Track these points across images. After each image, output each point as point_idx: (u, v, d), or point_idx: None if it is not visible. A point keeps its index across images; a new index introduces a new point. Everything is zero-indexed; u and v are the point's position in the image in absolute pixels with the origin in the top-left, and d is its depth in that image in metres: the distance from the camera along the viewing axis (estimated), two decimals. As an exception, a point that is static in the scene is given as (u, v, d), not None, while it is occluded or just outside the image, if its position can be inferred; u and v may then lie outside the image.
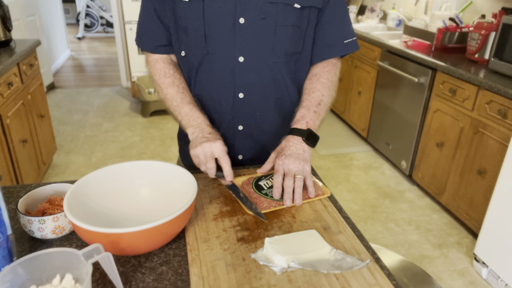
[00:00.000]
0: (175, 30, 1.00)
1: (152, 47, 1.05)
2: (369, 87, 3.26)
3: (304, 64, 1.04)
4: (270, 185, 0.91)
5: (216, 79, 1.00)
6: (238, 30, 0.94)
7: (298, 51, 1.01)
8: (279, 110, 1.06)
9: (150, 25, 1.03)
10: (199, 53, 0.98)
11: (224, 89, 1.01)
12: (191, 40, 0.98)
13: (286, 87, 1.03)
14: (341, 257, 0.71)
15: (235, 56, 0.97)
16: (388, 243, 2.24)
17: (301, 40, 1.00)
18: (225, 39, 0.95)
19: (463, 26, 2.65)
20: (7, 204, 0.86)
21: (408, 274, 1.22)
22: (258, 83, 1.00)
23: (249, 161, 1.10)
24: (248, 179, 0.94)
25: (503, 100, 1.95)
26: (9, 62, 2.17)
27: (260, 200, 0.86)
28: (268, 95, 1.02)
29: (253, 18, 0.93)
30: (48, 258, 0.60)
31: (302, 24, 0.97)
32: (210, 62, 0.99)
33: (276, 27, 0.95)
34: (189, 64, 1.03)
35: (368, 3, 4.13)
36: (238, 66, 0.98)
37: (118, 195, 0.83)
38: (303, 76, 1.06)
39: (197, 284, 0.65)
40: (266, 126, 1.06)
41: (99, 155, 3.17)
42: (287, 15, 0.94)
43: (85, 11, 7.69)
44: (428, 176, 2.60)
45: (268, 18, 0.94)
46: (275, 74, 1.00)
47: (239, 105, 1.02)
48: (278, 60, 0.98)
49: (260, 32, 0.95)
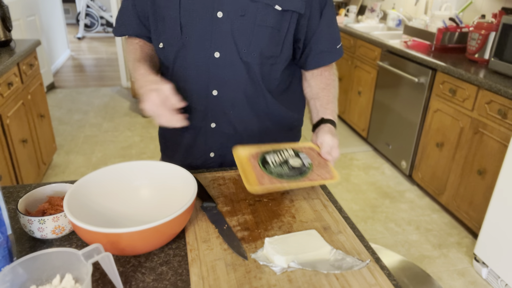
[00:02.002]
0: (154, 21, 0.99)
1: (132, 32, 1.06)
2: (369, 87, 3.26)
3: (278, 69, 1.02)
4: (277, 162, 0.87)
5: (190, 74, 0.99)
6: (215, 24, 0.92)
7: (275, 55, 0.99)
8: (253, 109, 1.04)
9: (126, 16, 1.04)
10: (175, 45, 0.97)
11: (198, 85, 0.99)
12: (168, 31, 0.96)
13: (261, 88, 1.01)
14: (341, 257, 0.71)
15: (211, 51, 0.95)
16: (388, 243, 2.24)
17: (280, 45, 0.98)
18: (201, 32, 0.93)
19: (463, 26, 2.65)
20: (7, 204, 0.86)
21: (408, 274, 1.22)
22: (233, 81, 0.98)
23: (220, 158, 1.09)
24: (256, 152, 0.91)
25: (503, 100, 1.95)
26: (9, 62, 2.17)
27: (262, 176, 0.83)
28: (242, 94, 1.00)
29: (231, 13, 0.91)
30: (48, 258, 0.60)
31: (282, 28, 0.96)
32: (185, 55, 0.97)
33: (254, 26, 0.93)
34: (166, 57, 1.01)
35: (368, 3, 4.13)
36: (213, 61, 0.96)
37: (118, 195, 0.83)
38: (274, 80, 1.03)
39: (197, 284, 0.65)
40: (239, 124, 1.05)
41: (99, 155, 3.17)
42: (267, 15, 0.93)
43: (85, 11, 7.69)
44: (428, 176, 2.60)
45: (247, 16, 0.92)
46: (250, 73, 0.98)
47: (212, 102, 1.01)
48: (252, 61, 0.96)
49: (237, 29, 0.93)
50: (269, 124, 1.07)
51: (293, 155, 0.91)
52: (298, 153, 0.91)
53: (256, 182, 0.82)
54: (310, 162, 0.89)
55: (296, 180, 0.84)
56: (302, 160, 0.89)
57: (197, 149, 1.07)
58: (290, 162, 0.88)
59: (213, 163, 1.09)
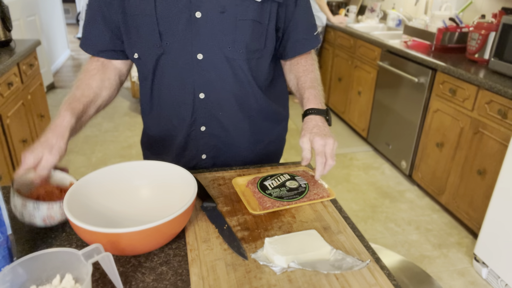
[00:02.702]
0: (126, 31, 0.94)
1: (96, 51, 0.98)
2: (369, 87, 3.26)
3: (265, 62, 1.01)
4: (274, 185, 0.90)
5: (174, 80, 0.96)
6: (195, 25, 0.89)
7: (260, 48, 0.97)
8: (243, 108, 1.02)
9: (95, 29, 0.97)
10: (154, 53, 0.93)
11: (184, 91, 0.96)
12: (144, 40, 0.92)
13: (249, 85, 0.99)
14: (341, 257, 0.71)
15: (194, 54, 0.92)
16: (388, 243, 2.24)
17: (263, 37, 0.96)
18: (181, 36, 0.90)
19: (463, 26, 2.65)
20: (7, 204, 0.86)
21: (408, 274, 1.22)
22: (219, 82, 0.96)
23: (213, 160, 1.08)
24: (253, 178, 0.94)
25: (503, 100, 1.95)
26: (9, 62, 2.17)
27: (263, 200, 0.86)
28: (230, 94, 0.98)
29: (210, 11, 0.89)
30: (48, 258, 0.60)
31: (263, 20, 0.94)
32: (167, 62, 0.94)
33: (236, 21, 0.90)
34: (144, 66, 0.97)
35: (368, 3, 4.13)
36: (197, 64, 0.93)
37: (118, 195, 0.83)
38: (263, 74, 1.02)
39: (197, 284, 0.65)
40: (230, 125, 1.03)
41: (99, 155, 3.17)
42: (247, 9, 0.90)
43: (85, 11, 7.68)
44: (428, 176, 2.60)
45: (227, 12, 0.89)
46: (237, 71, 0.96)
47: (200, 106, 0.98)
48: (239, 57, 0.94)
49: (219, 27, 0.90)
50: (258, 120, 1.07)
51: (289, 178, 0.94)
52: (294, 176, 0.95)
53: (258, 206, 0.85)
54: (306, 183, 0.93)
55: (296, 200, 0.87)
56: (298, 182, 0.93)
57: (189, 152, 1.06)
58: (287, 184, 0.91)
59: (205, 165, 1.08)
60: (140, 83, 1.03)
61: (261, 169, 1.03)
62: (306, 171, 0.98)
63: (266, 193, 0.88)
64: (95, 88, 0.96)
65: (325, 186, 0.93)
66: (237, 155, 1.09)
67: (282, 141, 1.18)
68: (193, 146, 1.05)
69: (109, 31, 0.96)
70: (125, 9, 0.91)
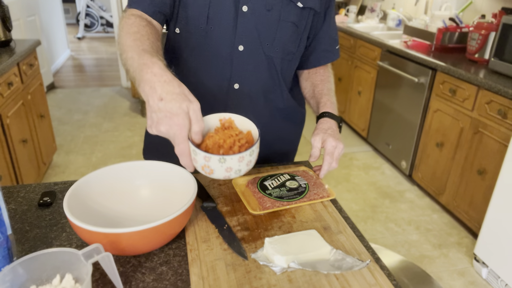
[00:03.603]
0: (175, 4, 0.95)
1: (151, 11, 0.89)
2: (369, 87, 3.26)
3: (294, 65, 1.05)
4: (274, 185, 0.91)
5: (211, 65, 0.98)
6: (241, 17, 0.93)
7: (293, 51, 1.02)
8: (269, 104, 1.06)
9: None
10: (196, 34, 0.95)
11: (220, 78, 0.99)
12: (190, 19, 0.94)
13: (279, 83, 1.04)
14: (341, 257, 0.71)
15: (235, 44, 0.95)
16: (388, 243, 2.24)
17: (298, 40, 1.01)
18: (226, 24, 0.94)
19: (463, 26, 2.65)
20: (7, 204, 0.86)
21: (408, 274, 1.22)
22: (254, 75, 1.00)
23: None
24: (253, 178, 0.94)
25: (503, 100, 1.95)
26: (9, 62, 2.17)
27: (263, 200, 0.86)
28: (261, 88, 1.02)
29: (257, 7, 0.93)
30: (48, 258, 0.60)
31: (300, 25, 0.98)
32: (207, 46, 0.96)
33: (279, 22, 0.95)
34: (181, 43, 0.98)
35: (368, 3, 4.13)
36: (236, 55, 0.96)
37: (118, 195, 0.82)
38: (290, 76, 1.07)
39: (197, 284, 0.65)
40: (255, 118, 1.03)
41: (99, 155, 3.17)
42: (290, 11, 0.95)
43: (85, 11, 7.69)
44: (428, 176, 2.60)
45: (272, 11, 0.94)
46: (271, 68, 1.00)
47: (233, 96, 1.01)
48: (275, 55, 0.98)
49: (262, 23, 0.94)
50: (280, 120, 1.10)
51: (289, 178, 0.94)
52: (294, 176, 0.95)
53: (258, 206, 0.85)
54: (306, 183, 0.93)
55: (296, 200, 0.87)
56: (298, 182, 0.93)
57: None
58: (287, 184, 0.92)
59: None
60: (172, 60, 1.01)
61: (261, 169, 1.03)
62: (306, 171, 0.98)
63: (266, 193, 0.88)
64: (154, 36, 0.84)
65: (325, 186, 0.93)
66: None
67: (297, 142, 1.22)
68: None
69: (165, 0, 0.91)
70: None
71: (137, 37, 0.78)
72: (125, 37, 0.78)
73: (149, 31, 0.83)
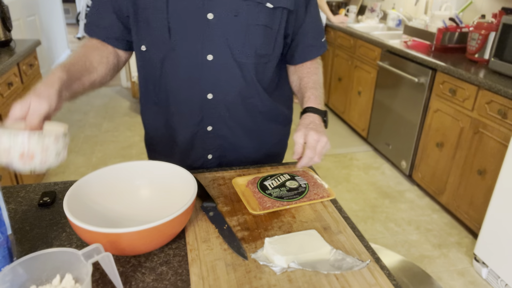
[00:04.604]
0: (135, 22, 0.93)
1: (103, 37, 0.98)
2: (369, 87, 3.26)
3: (271, 66, 1.02)
4: (274, 185, 0.91)
5: (182, 78, 0.96)
6: (206, 26, 0.89)
7: (268, 53, 0.98)
8: (249, 110, 1.03)
9: (103, 15, 0.96)
10: (162, 48, 0.93)
11: (192, 90, 0.96)
12: (153, 34, 0.92)
13: (255, 87, 1.00)
14: (341, 257, 0.71)
15: (203, 54, 0.92)
16: (388, 243, 2.24)
17: (272, 42, 0.97)
18: (192, 35, 0.90)
19: (463, 26, 2.65)
20: (7, 204, 0.86)
21: (408, 274, 1.22)
22: (227, 83, 0.97)
23: (219, 159, 1.08)
24: (253, 178, 0.94)
25: (503, 100, 1.95)
26: (9, 62, 2.17)
27: (263, 200, 0.86)
28: (237, 95, 0.99)
29: (223, 14, 0.89)
30: (48, 258, 0.60)
31: (273, 25, 0.95)
32: (175, 59, 0.93)
33: (248, 26, 0.91)
34: (150, 60, 0.97)
35: (368, 3, 4.13)
36: (206, 65, 0.93)
37: (118, 195, 0.83)
38: (268, 78, 1.03)
39: (197, 284, 0.65)
40: (236, 125, 1.04)
41: (99, 155, 3.17)
42: (259, 14, 0.91)
43: (85, 11, 7.69)
44: (428, 176, 2.60)
45: (239, 16, 0.90)
46: (245, 74, 0.97)
47: (207, 106, 0.99)
48: (248, 61, 0.95)
49: (230, 30, 0.91)
50: (264, 121, 1.07)
51: (289, 178, 0.94)
52: (294, 176, 0.95)
53: (258, 206, 0.85)
54: (306, 183, 0.93)
55: (296, 200, 0.87)
56: (298, 182, 0.93)
57: (195, 152, 1.06)
58: (287, 184, 0.91)
59: (211, 165, 1.09)
60: (143, 79, 1.02)
61: (261, 169, 1.03)
62: (306, 171, 0.98)
63: (266, 193, 0.88)
64: (92, 61, 0.93)
65: (325, 186, 0.93)
66: (242, 155, 1.09)
67: (285, 143, 1.20)
68: (199, 146, 1.05)
69: (118, 20, 0.96)
70: (136, 1, 0.91)
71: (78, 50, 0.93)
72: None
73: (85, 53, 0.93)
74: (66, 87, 0.82)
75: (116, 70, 1.03)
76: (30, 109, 0.71)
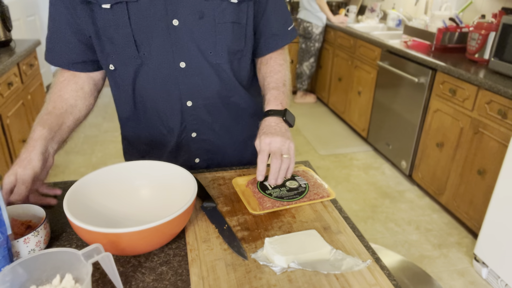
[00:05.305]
0: (98, 42, 0.89)
1: (65, 63, 0.93)
2: (369, 87, 3.26)
3: (246, 60, 0.99)
4: (274, 185, 0.91)
5: (158, 90, 0.93)
6: (173, 33, 0.86)
7: (241, 49, 0.96)
8: (230, 109, 1.01)
9: (62, 40, 0.91)
10: (131, 65, 0.89)
11: (170, 100, 0.94)
12: (120, 52, 0.88)
13: (233, 85, 0.98)
14: (341, 257, 0.71)
15: (176, 62, 0.90)
16: (388, 243, 2.24)
17: (243, 37, 0.94)
18: (160, 45, 0.87)
19: (463, 26, 2.65)
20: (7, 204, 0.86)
21: (408, 274, 1.22)
22: (205, 87, 0.94)
23: (206, 162, 1.07)
24: (253, 178, 0.94)
25: (503, 100, 1.95)
26: (9, 62, 2.17)
27: (263, 200, 0.86)
28: (217, 97, 0.97)
29: (188, 18, 0.86)
30: (48, 258, 0.60)
31: (241, 20, 0.92)
32: (148, 73, 0.90)
33: (216, 25, 0.88)
34: (121, 78, 0.93)
35: (368, 3, 4.13)
36: (180, 72, 0.91)
37: (118, 195, 0.83)
38: (245, 73, 1.01)
39: (197, 284, 0.65)
40: (220, 127, 1.02)
41: (99, 155, 3.17)
42: (225, 11, 0.88)
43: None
44: (428, 176, 2.60)
45: (205, 17, 0.87)
46: (221, 74, 0.94)
47: (188, 114, 0.97)
48: (222, 61, 0.93)
49: (198, 33, 0.88)
50: (246, 117, 1.06)
51: (289, 178, 0.94)
52: (294, 176, 0.95)
53: (258, 206, 0.85)
54: (306, 183, 0.93)
55: (296, 200, 0.87)
56: (298, 182, 0.93)
57: (181, 158, 1.05)
58: (287, 184, 0.91)
59: (200, 167, 1.08)
60: (118, 96, 0.99)
61: None
62: (306, 171, 0.98)
63: (266, 193, 0.88)
64: (69, 99, 0.93)
65: (325, 186, 0.93)
66: (231, 155, 1.09)
67: None
68: (185, 152, 1.04)
69: (79, 42, 0.91)
70: (95, 21, 0.86)
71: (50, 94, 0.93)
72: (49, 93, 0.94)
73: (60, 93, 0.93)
74: (50, 142, 0.85)
75: (96, 95, 1.02)
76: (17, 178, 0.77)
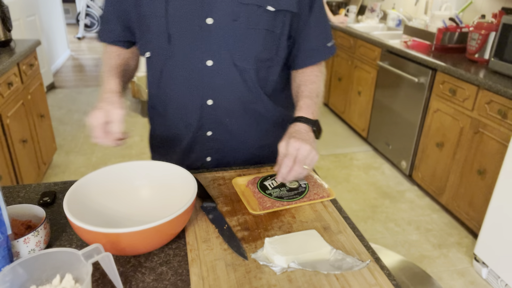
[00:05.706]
0: (139, 29, 0.95)
1: (112, 40, 1.02)
2: (369, 87, 3.26)
3: (275, 70, 0.99)
4: (274, 185, 0.90)
5: (181, 84, 0.95)
6: (206, 31, 0.88)
7: (271, 58, 0.96)
8: (251, 115, 1.01)
9: (111, 24, 0.99)
10: (162, 55, 0.93)
11: (191, 96, 0.95)
12: (154, 40, 0.93)
13: (257, 92, 0.98)
14: (341, 257, 0.71)
15: (203, 60, 0.91)
16: (388, 243, 2.24)
17: (275, 46, 0.94)
18: (191, 41, 0.89)
19: (463, 26, 2.65)
20: (7, 204, 0.86)
21: (408, 274, 1.22)
22: (228, 89, 0.95)
23: (217, 161, 1.07)
24: (253, 178, 0.94)
25: (503, 100, 1.95)
26: (9, 62, 2.17)
27: (263, 200, 0.86)
28: (238, 101, 0.97)
29: (223, 19, 0.87)
30: (48, 258, 0.60)
31: (276, 29, 0.92)
32: (175, 65, 0.93)
33: (248, 30, 0.89)
34: (153, 66, 0.98)
35: (368, 3, 4.13)
36: (206, 70, 0.92)
37: (118, 195, 0.83)
38: (273, 82, 1.00)
39: (197, 284, 0.65)
40: (237, 130, 1.02)
41: (99, 155, 3.17)
42: (260, 18, 0.89)
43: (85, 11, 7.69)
44: (428, 176, 2.60)
45: (239, 20, 0.88)
46: (246, 79, 0.94)
47: (208, 112, 0.97)
48: (248, 66, 0.93)
49: (230, 35, 0.89)
50: (266, 125, 1.05)
51: None
52: None
53: (258, 206, 0.85)
54: (306, 182, 0.92)
55: (296, 200, 0.87)
56: (298, 182, 0.92)
57: (194, 155, 1.06)
58: (287, 184, 0.91)
59: (209, 166, 1.08)
60: (148, 84, 1.04)
61: (261, 169, 1.03)
62: None
63: (266, 193, 0.88)
64: (124, 58, 1.02)
65: (325, 186, 0.93)
66: (243, 158, 1.09)
67: None
68: (199, 149, 1.05)
69: (126, 29, 0.99)
70: (138, 9, 0.92)
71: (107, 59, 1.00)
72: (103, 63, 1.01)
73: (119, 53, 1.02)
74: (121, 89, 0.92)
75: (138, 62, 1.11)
76: (110, 116, 0.80)
